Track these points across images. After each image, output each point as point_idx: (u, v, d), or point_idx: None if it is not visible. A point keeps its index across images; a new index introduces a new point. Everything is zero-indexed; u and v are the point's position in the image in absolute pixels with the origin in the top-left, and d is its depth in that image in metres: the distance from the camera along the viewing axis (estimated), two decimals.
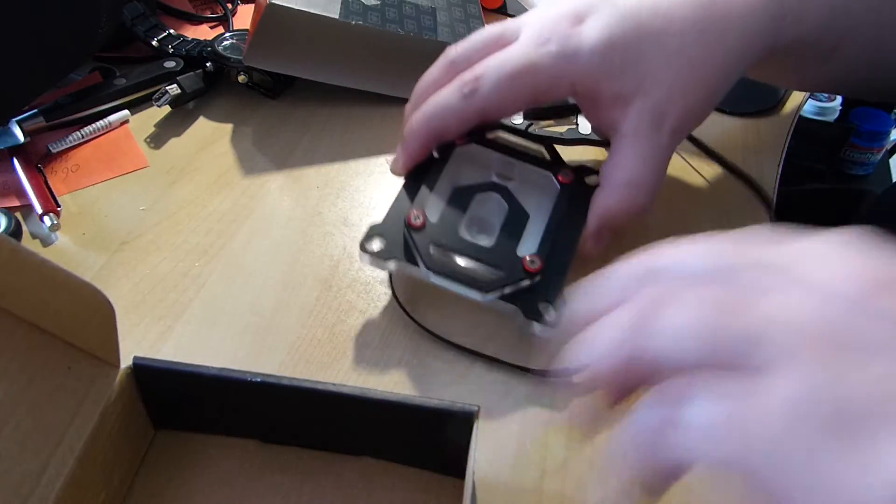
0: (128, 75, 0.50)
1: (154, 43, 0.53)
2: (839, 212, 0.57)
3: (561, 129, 0.46)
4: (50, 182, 0.44)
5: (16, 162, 0.44)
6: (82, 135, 0.47)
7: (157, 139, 0.48)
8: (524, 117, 0.44)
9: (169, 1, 0.60)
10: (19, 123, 0.46)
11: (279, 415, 0.29)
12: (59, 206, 0.42)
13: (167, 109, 0.50)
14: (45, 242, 0.41)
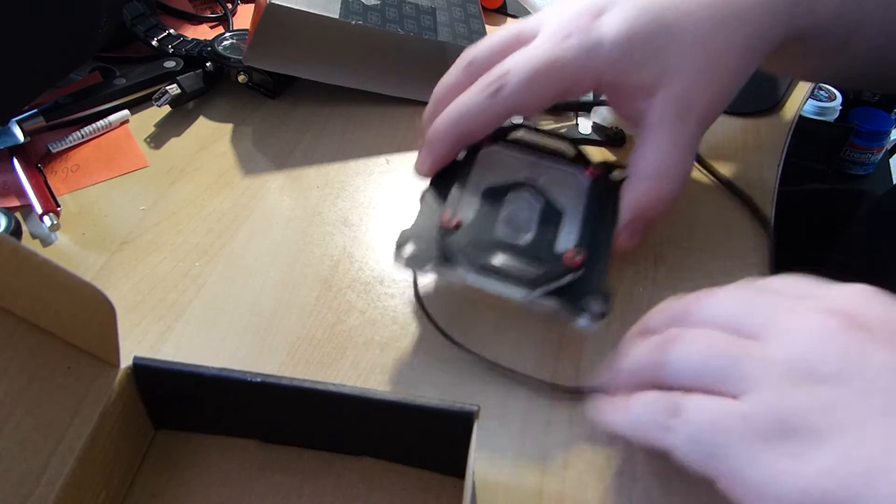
0: (128, 75, 0.50)
1: (154, 43, 0.53)
2: (839, 212, 0.57)
3: (560, 128, 0.46)
4: (50, 182, 0.44)
5: (16, 162, 0.44)
6: (82, 135, 0.47)
7: (157, 139, 0.48)
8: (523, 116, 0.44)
9: (169, 1, 0.60)
10: (19, 123, 0.46)
11: (279, 415, 0.29)
12: (59, 206, 0.42)
13: (167, 109, 0.50)
14: (45, 242, 0.41)
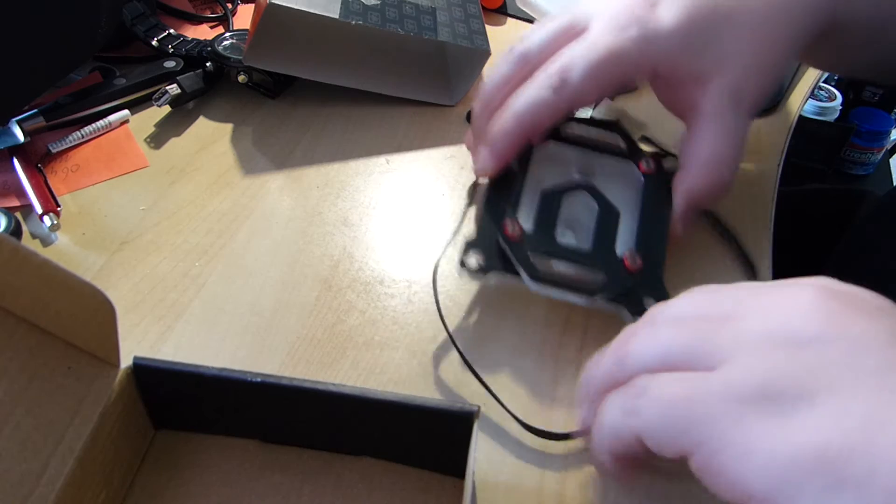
0: (128, 75, 0.50)
1: (154, 43, 0.53)
2: (839, 212, 0.57)
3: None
4: (50, 182, 0.44)
5: (16, 162, 0.44)
6: (82, 135, 0.47)
7: (157, 139, 0.48)
8: None
9: (169, 1, 0.60)
10: (19, 123, 0.46)
11: (279, 415, 0.29)
12: (59, 206, 0.42)
13: (167, 109, 0.50)
14: (45, 242, 0.41)
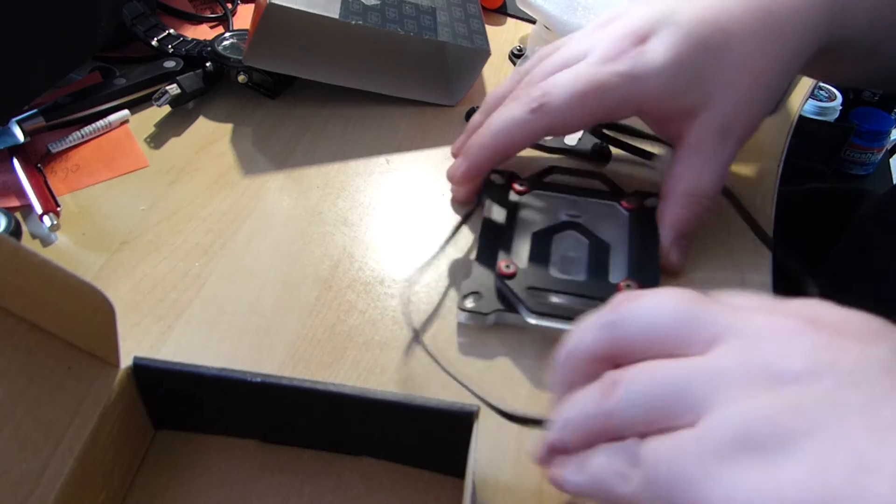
0: (128, 75, 0.50)
1: (154, 43, 0.53)
2: (839, 212, 0.57)
3: (546, 140, 0.46)
4: (50, 182, 0.44)
5: (16, 162, 0.44)
6: (82, 135, 0.47)
7: (157, 139, 0.48)
8: None
9: (169, 1, 0.60)
10: (19, 123, 0.46)
11: (279, 415, 0.29)
12: (59, 206, 0.42)
13: (167, 109, 0.50)
14: (45, 242, 0.41)
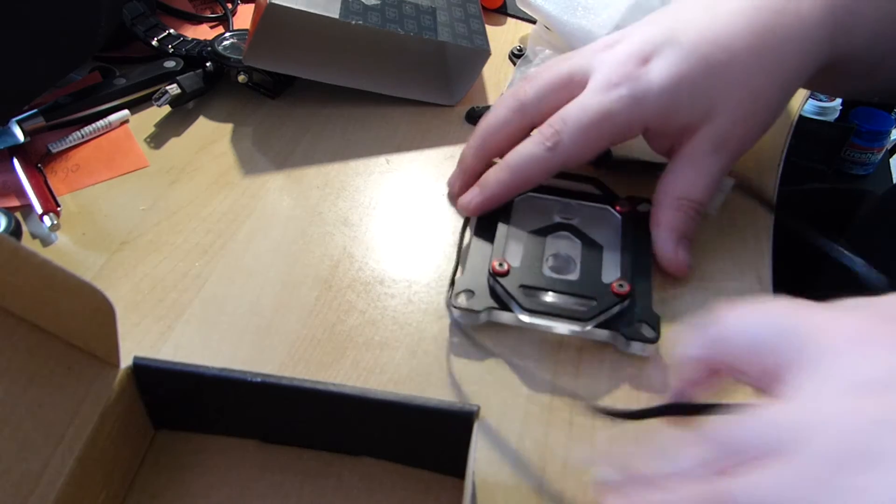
0: (128, 75, 0.50)
1: (154, 43, 0.53)
2: (839, 212, 0.57)
3: None
4: (50, 182, 0.44)
5: (16, 162, 0.44)
6: (82, 135, 0.47)
7: (157, 139, 0.48)
8: None
9: (169, 1, 0.60)
10: (19, 123, 0.46)
11: (279, 415, 0.29)
12: (59, 206, 0.42)
13: (167, 109, 0.50)
14: (45, 242, 0.41)
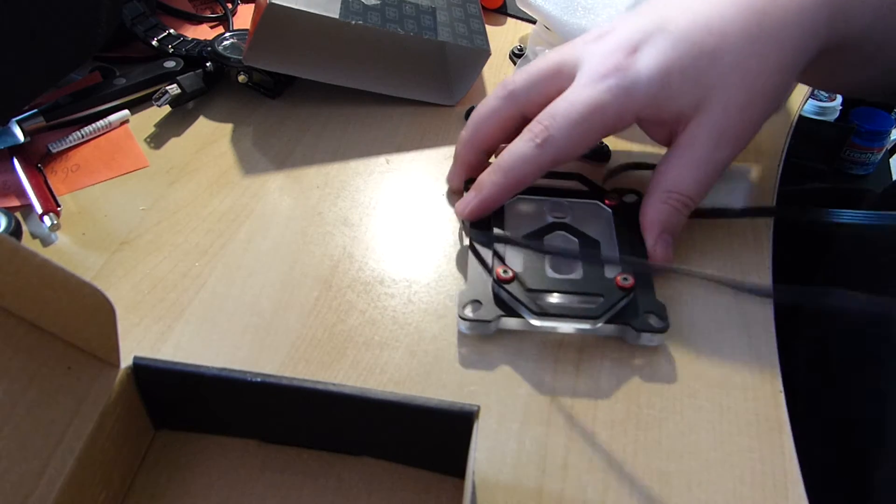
0: (128, 75, 0.50)
1: (154, 43, 0.53)
2: None
3: None
4: (50, 182, 0.44)
5: (16, 162, 0.44)
6: (82, 135, 0.47)
7: (157, 139, 0.48)
8: None
9: (169, 1, 0.60)
10: (19, 123, 0.46)
11: (279, 415, 0.29)
12: (59, 205, 0.42)
13: (167, 109, 0.50)
14: (45, 242, 0.41)
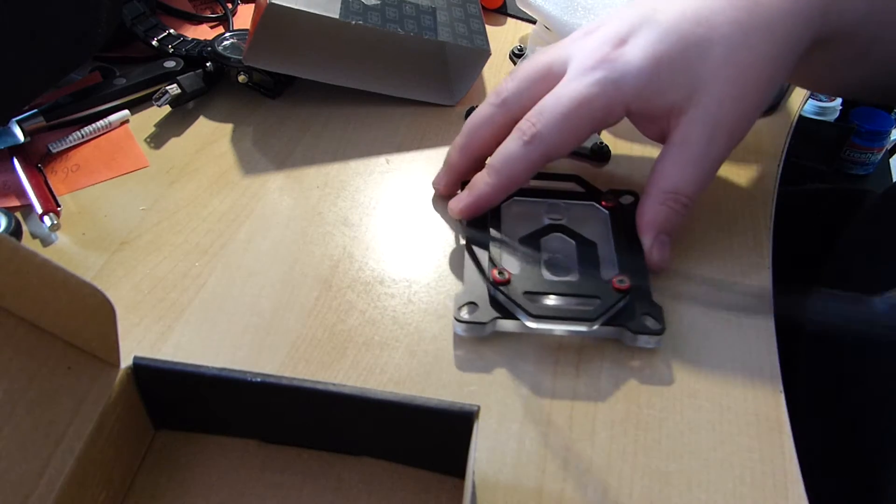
0: (128, 75, 0.50)
1: (154, 43, 0.53)
2: (839, 212, 0.57)
3: None
4: (50, 182, 0.44)
5: (16, 162, 0.44)
6: (82, 135, 0.47)
7: (157, 139, 0.48)
8: None
9: (169, 1, 0.60)
10: (19, 123, 0.46)
11: (279, 415, 0.29)
12: (59, 206, 0.42)
13: (167, 109, 0.50)
14: (45, 242, 0.41)
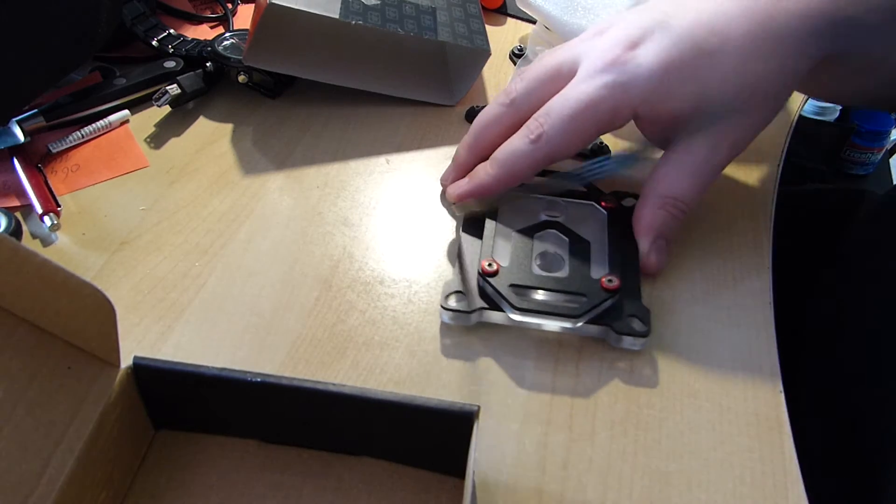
0: (128, 75, 0.50)
1: (154, 43, 0.53)
2: (839, 212, 0.57)
3: None
4: (50, 182, 0.44)
5: (16, 162, 0.44)
6: (82, 135, 0.47)
7: (157, 139, 0.48)
8: None
9: (169, 1, 0.60)
10: (19, 123, 0.46)
11: (279, 415, 0.29)
12: (59, 206, 0.42)
13: (167, 109, 0.50)
14: (45, 242, 0.41)
